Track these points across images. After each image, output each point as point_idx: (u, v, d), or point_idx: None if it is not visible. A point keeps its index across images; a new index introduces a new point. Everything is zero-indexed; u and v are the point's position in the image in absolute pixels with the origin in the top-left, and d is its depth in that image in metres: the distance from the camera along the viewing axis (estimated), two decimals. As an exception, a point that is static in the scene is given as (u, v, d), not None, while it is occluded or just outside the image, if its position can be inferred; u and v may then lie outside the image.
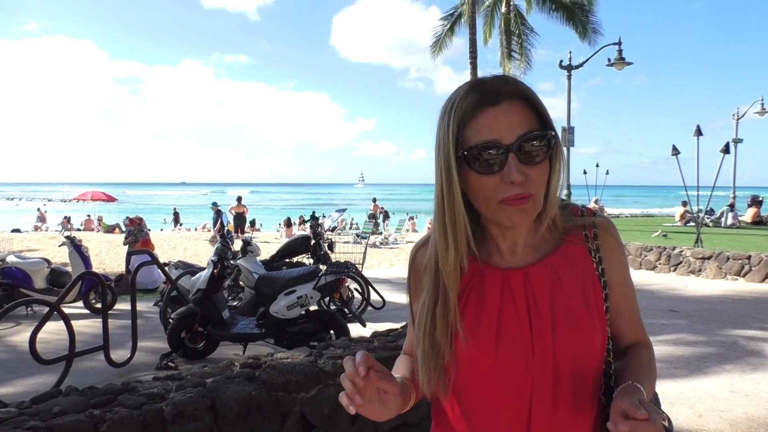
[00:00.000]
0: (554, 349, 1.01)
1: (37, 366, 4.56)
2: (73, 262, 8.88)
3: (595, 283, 1.07)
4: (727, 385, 4.76)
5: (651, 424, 0.83)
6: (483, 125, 0.96)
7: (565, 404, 1.02)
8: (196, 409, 2.44)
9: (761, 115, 23.01)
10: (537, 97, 1.00)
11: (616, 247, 1.11)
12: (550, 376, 1.01)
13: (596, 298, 1.06)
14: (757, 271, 10.05)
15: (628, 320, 1.15)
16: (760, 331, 6.60)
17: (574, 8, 19.22)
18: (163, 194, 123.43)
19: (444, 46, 21.32)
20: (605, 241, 1.10)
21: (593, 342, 1.03)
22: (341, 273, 5.83)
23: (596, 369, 1.06)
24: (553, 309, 1.03)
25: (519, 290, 1.05)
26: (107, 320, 5.18)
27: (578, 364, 1.03)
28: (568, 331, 1.01)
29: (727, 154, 12.04)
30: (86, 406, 2.34)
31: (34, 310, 7.92)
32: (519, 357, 1.01)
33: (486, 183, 0.97)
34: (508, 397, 1.03)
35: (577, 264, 1.08)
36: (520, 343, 1.02)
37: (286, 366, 2.85)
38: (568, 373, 1.02)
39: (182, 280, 6.42)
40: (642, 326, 1.17)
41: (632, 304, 1.15)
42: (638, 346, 1.14)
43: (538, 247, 1.09)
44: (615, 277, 1.10)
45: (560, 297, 1.04)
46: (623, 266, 1.12)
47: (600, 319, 1.05)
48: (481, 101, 0.97)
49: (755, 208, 18.45)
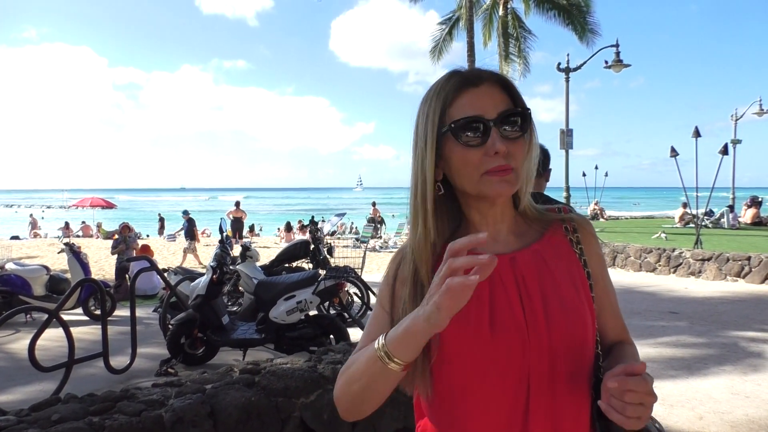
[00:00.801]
0: (548, 329, 1.01)
1: (37, 373, 4.55)
2: (72, 268, 8.87)
3: (580, 272, 1.09)
4: (727, 386, 4.76)
5: (643, 380, 0.86)
6: (466, 103, 1.02)
7: (563, 385, 1.02)
8: (195, 416, 2.44)
9: (760, 116, 23.05)
10: (512, 83, 1.07)
11: (593, 242, 1.15)
12: (546, 355, 1.01)
13: (583, 286, 1.08)
14: (757, 272, 10.04)
15: (611, 316, 1.16)
16: (761, 332, 6.59)
17: (571, 9, 19.28)
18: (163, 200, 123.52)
19: (444, 51, 21.39)
20: (584, 235, 1.14)
21: (586, 324, 1.05)
22: (341, 277, 5.82)
23: (590, 355, 1.07)
24: (543, 291, 1.04)
25: (507, 274, 1.05)
26: (106, 327, 5.17)
27: (573, 349, 1.03)
28: (562, 314, 1.02)
29: (726, 155, 12.07)
30: (85, 413, 2.33)
31: (33, 318, 7.92)
32: (514, 342, 1.00)
33: (471, 156, 1.01)
34: (506, 379, 1.01)
35: (562, 252, 1.10)
36: (514, 327, 1.01)
37: (285, 371, 2.85)
38: (564, 352, 1.02)
39: (181, 286, 6.42)
40: (624, 325, 1.19)
41: (613, 301, 1.17)
42: (623, 343, 1.16)
43: (522, 235, 1.12)
44: (595, 271, 1.12)
45: (549, 281, 1.05)
46: (602, 261, 1.15)
47: (589, 304, 1.07)
48: (463, 83, 1.04)
49: (755, 209, 18.46)
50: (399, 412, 3.00)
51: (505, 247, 1.09)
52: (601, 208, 24.46)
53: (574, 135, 18.08)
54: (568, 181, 18.63)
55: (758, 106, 22.63)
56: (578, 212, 1.19)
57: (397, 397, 3.05)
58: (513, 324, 1.01)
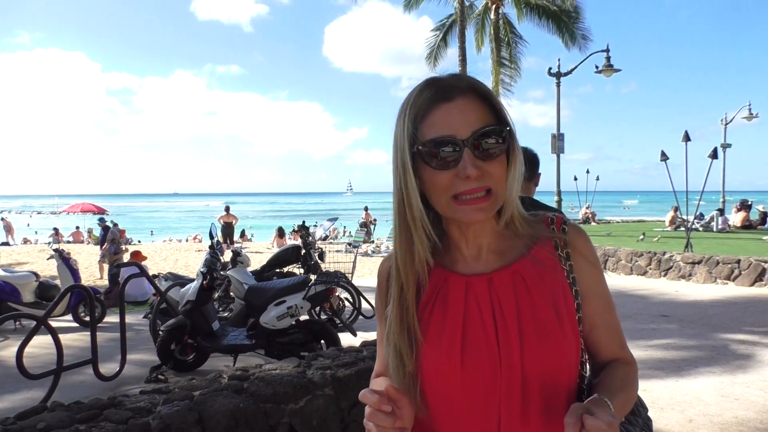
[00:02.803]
0: (522, 359, 0.96)
1: (25, 381, 4.51)
2: (61, 275, 8.82)
3: (566, 292, 1.02)
4: (717, 389, 4.78)
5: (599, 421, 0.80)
6: (438, 121, 0.96)
7: (536, 418, 0.97)
8: (183, 423, 2.42)
9: (749, 120, 23.26)
10: (491, 93, 1.00)
11: (588, 256, 1.06)
12: (518, 388, 0.96)
13: (567, 307, 1.01)
14: (746, 275, 10.11)
15: (605, 333, 1.08)
16: (750, 335, 6.63)
17: (561, 16, 19.40)
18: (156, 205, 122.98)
19: (439, 57, 21.55)
20: (576, 249, 1.06)
21: (564, 352, 0.99)
22: (331, 282, 5.82)
23: (569, 382, 1.01)
24: (519, 316, 0.98)
25: (484, 297, 1.01)
26: (96, 333, 5.13)
27: (549, 375, 0.97)
28: (537, 339, 0.97)
29: (716, 159, 12.16)
30: (72, 421, 2.32)
31: (22, 324, 7.85)
32: (485, 368, 0.97)
33: (441, 178, 0.95)
34: (476, 410, 0.98)
35: (545, 271, 1.03)
36: (485, 352, 0.97)
37: (274, 377, 2.84)
38: (538, 384, 0.97)
39: (172, 292, 6.38)
40: (622, 342, 1.11)
41: (609, 317, 1.08)
42: (617, 362, 1.08)
43: (503, 253, 1.05)
44: (587, 287, 1.05)
45: (527, 304, 0.99)
46: (596, 276, 1.07)
47: (572, 329, 1.00)
48: (435, 97, 0.97)
49: (744, 213, 18.59)
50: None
51: (485, 267, 1.04)
52: (592, 212, 24.55)
53: (565, 139, 18.19)
54: (559, 185, 18.74)
55: (747, 111, 22.85)
56: (571, 221, 1.10)
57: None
58: (486, 349, 0.97)
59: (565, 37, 19.63)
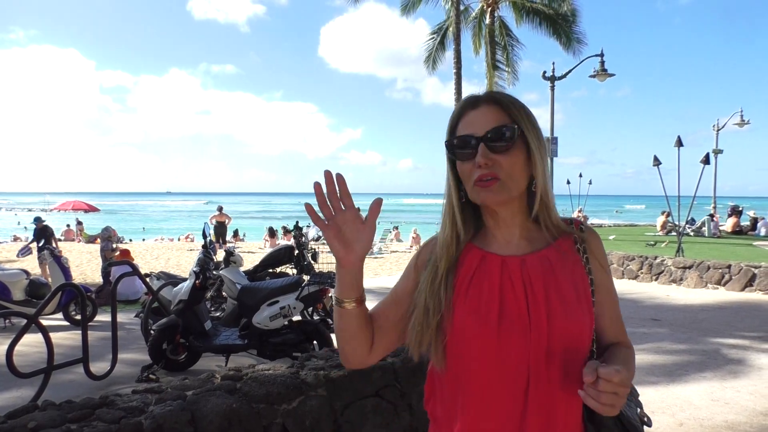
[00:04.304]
0: (549, 326, 1.14)
1: (15, 379, 4.47)
2: (52, 273, 8.76)
3: (584, 278, 1.22)
4: (707, 393, 4.81)
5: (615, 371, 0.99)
6: (465, 123, 1.21)
7: (558, 377, 1.15)
8: (175, 423, 2.41)
9: (741, 127, 23.40)
10: (510, 100, 1.21)
11: (600, 253, 1.27)
12: (544, 352, 1.14)
13: (585, 290, 1.21)
14: (737, 280, 10.18)
15: (610, 321, 1.28)
16: (740, 339, 6.68)
17: (557, 19, 19.47)
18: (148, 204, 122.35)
19: (438, 60, 21.56)
20: (591, 246, 1.27)
21: (583, 325, 1.17)
22: (324, 283, 5.80)
23: (585, 350, 1.19)
24: (547, 293, 1.17)
25: (516, 274, 1.20)
26: (87, 332, 5.10)
27: (570, 344, 1.15)
28: (562, 312, 1.15)
29: (708, 165, 12.22)
30: (63, 420, 2.30)
31: (12, 323, 7.80)
32: (518, 332, 1.15)
33: (465, 167, 1.20)
34: (508, 369, 1.15)
35: (568, 260, 1.23)
36: (518, 320, 1.15)
37: (267, 378, 2.83)
38: (561, 350, 1.14)
39: (164, 291, 6.36)
40: (624, 330, 1.32)
41: (615, 307, 1.30)
42: (619, 344, 1.28)
43: (532, 241, 1.25)
44: (599, 279, 1.25)
45: (553, 284, 1.18)
46: (606, 271, 1.28)
47: (588, 308, 1.20)
48: (465, 106, 1.24)
49: (735, 218, 18.73)
50: (382, 419, 2.99)
51: (517, 250, 1.24)
52: (584, 216, 24.64)
53: (559, 143, 18.24)
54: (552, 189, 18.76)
55: (739, 117, 22.97)
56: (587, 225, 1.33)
57: (380, 403, 3.05)
58: (518, 320, 1.15)
59: (563, 39, 19.70)
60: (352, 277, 1.17)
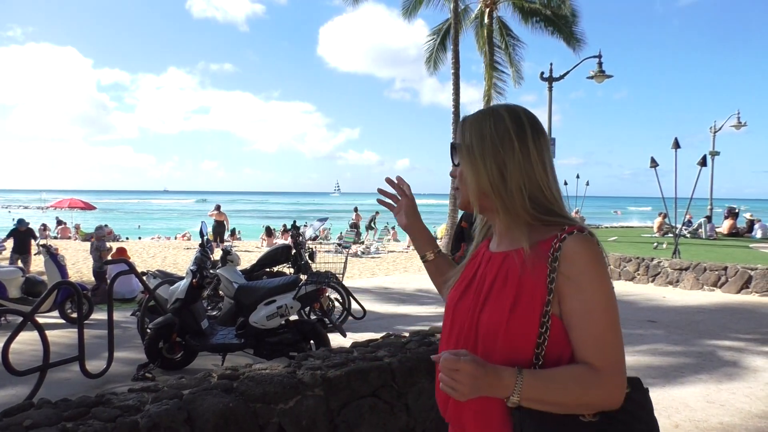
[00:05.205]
0: (479, 315, 1.30)
1: (10, 377, 4.46)
2: (48, 271, 8.74)
3: (536, 288, 1.23)
4: (703, 395, 4.82)
5: (451, 359, 1.13)
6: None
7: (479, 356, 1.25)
8: (172, 422, 2.40)
9: (737, 129, 23.48)
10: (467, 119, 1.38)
11: (574, 264, 1.21)
12: (473, 333, 1.30)
13: (531, 299, 1.23)
14: (733, 282, 10.21)
15: (579, 336, 1.21)
16: (736, 341, 6.69)
17: (558, 20, 19.45)
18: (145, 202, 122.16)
19: (439, 61, 21.45)
20: (566, 256, 1.22)
21: (502, 325, 1.24)
22: (322, 283, 5.80)
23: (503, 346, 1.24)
24: (491, 288, 1.30)
25: (482, 267, 1.39)
26: (83, 330, 5.09)
27: (489, 335, 1.26)
28: (489, 308, 1.28)
29: (705, 167, 12.25)
30: (59, 419, 2.29)
31: (8, 320, 7.77)
32: (466, 310, 1.35)
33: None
34: (452, 335, 1.38)
35: (533, 263, 1.25)
36: (470, 302, 1.34)
37: (264, 377, 2.82)
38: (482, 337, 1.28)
39: (160, 290, 6.34)
40: (598, 350, 1.20)
41: (587, 322, 1.20)
42: (579, 363, 1.21)
43: (513, 241, 1.32)
44: (569, 290, 1.21)
45: (500, 281, 1.29)
46: (577, 282, 1.21)
47: (524, 315, 1.22)
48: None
49: (731, 220, 18.77)
50: (378, 419, 2.99)
51: (497, 247, 1.39)
52: (582, 217, 24.69)
53: (557, 144, 18.26)
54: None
55: (736, 119, 23.05)
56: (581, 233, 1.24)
57: (377, 403, 3.04)
58: (471, 300, 1.35)
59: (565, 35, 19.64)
60: (418, 238, 1.69)
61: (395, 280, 12.89)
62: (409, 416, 3.14)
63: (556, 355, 1.22)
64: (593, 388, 1.18)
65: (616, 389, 1.20)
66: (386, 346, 3.48)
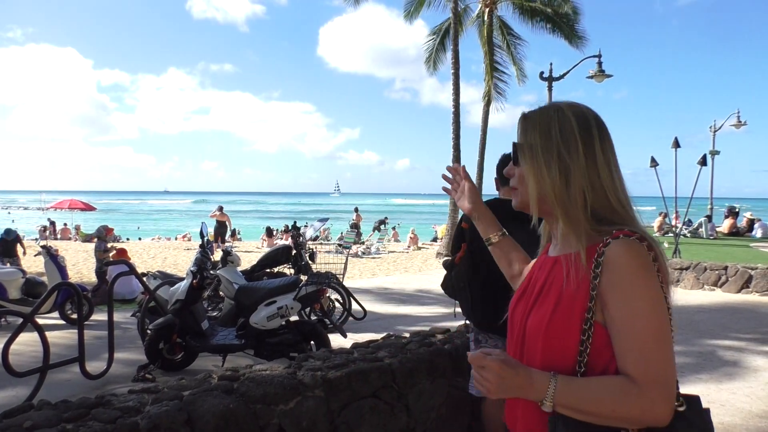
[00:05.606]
0: (526, 319, 1.32)
1: (10, 379, 4.46)
2: (48, 272, 8.73)
3: (580, 292, 1.20)
4: (703, 395, 4.76)
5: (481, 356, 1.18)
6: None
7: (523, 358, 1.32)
8: (172, 423, 2.40)
9: (737, 128, 23.44)
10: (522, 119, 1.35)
11: (621, 270, 1.16)
12: (521, 334, 1.34)
13: (573, 303, 1.21)
14: (733, 282, 10.20)
15: (619, 346, 1.16)
16: (737, 341, 6.69)
17: (559, 20, 19.42)
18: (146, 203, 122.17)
19: (438, 61, 21.43)
20: (612, 261, 1.17)
21: (546, 328, 1.24)
22: (322, 283, 5.80)
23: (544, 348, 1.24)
24: (540, 292, 1.31)
25: (535, 270, 1.41)
26: (83, 331, 5.08)
27: (532, 338, 1.29)
28: (535, 311, 1.30)
29: (705, 166, 12.24)
30: (59, 420, 2.29)
31: (8, 321, 7.77)
32: (518, 314, 1.38)
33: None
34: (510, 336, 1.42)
35: (578, 269, 1.22)
36: (522, 306, 1.37)
37: (264, 378, 2.82)
38: (529, 339, 1.30)
39: (161, 291, 6.34)
40: (638, 360, 1.14)
41: (627, 332, 1.15)
42: (619, 374, 1.16)
43: (568, 246, 1.29)
44: (611, 297, 1.17)
45: (548, 286, 1.30)
46: (624, 290, 1.16)
47: (566, 319, 1.21)
48: None
49: (732, 219, 18.75)
50: (379, 419, 2.99)
51: (552, 251, 1.39)
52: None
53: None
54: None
55: (736, 119, 23.02)
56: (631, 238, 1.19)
57: (378, 404, 3.04)
58: (523, 303, 1.37)
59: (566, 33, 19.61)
60: (482, 221, 1.71)
61: (396, 281, 12.89)
62: (409, 417, 3.14)
63: (602, 365, 1.18)
64: (629, 402, 1.11)
65: (656, 405, 1.12)
66: (387, 346, 3.47)
